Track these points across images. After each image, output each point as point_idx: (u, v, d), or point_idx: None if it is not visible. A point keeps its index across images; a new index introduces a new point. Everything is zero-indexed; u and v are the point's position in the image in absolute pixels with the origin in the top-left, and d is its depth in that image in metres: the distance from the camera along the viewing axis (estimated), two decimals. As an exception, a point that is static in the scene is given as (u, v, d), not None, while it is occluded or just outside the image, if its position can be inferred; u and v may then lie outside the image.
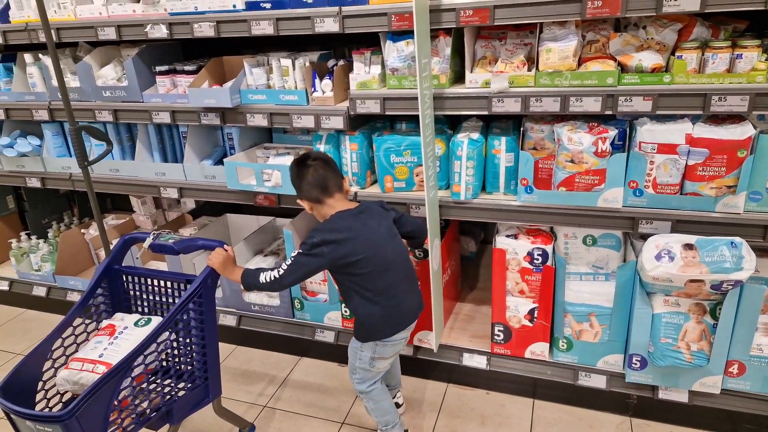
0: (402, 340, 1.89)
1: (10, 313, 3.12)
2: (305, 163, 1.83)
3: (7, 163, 2.81)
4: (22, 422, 1.44)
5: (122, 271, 1.91)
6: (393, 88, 2.07)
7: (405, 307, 1.87)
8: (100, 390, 1.43)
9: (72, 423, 1.38)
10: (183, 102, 2.36)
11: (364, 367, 1.91)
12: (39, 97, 2.61)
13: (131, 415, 1.56)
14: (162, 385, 1.67)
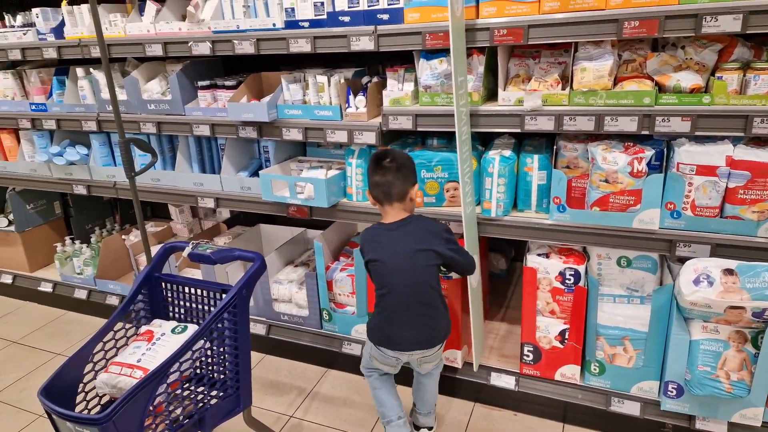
0: (391, 358, 1.92)
1: (53, 315, 3.26)
2: (381, 163, 1.86)
3: (57, 171, 2.96)
4: (63, 423, 1.49)
5: (161, 278, 1.97)
6: (425, 104, 2.09)
7: (397, 334, 1.88)
8: (136, 395, 1.48)
9: (109, 426, 1.42)
10: (222, 116, 2.45)
11: (367, 352, 2.03)
12: (88, 108, 2.74)
13: (165, 421, 1.59)
14: (195, 392, 1.70)
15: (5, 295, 3.48)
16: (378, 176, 1.85)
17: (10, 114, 2.95)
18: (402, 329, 1.87)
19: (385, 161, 1.85)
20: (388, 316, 1.87)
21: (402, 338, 1.88)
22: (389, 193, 1.86)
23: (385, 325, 1.89)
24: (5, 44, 2.81)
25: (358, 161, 2.29)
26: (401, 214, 1.90)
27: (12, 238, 3.30)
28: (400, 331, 1.87)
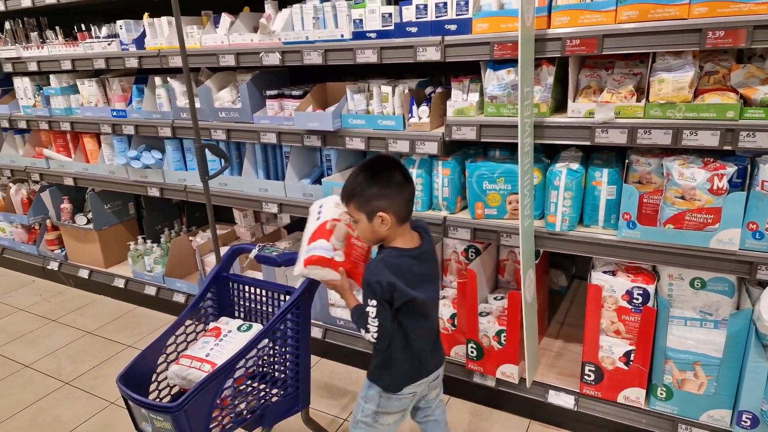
0: (412, 395, 1.66)
1: (124, 308, 3.45)
2: (402, 172, 1.54)
3: (133, 174, 3.14)
4: (138, 409, 1.58)
5: (229, 278, 2.05)
6: (490, 115, 2.07)
7: (434, 358, 1.68)
8: (206, 387, 1.54)
9: (181, 415, 1.50)
10: (289, 124, 2.52)
11: (366, 422, 1.67)
12: (164, 116, 2.90)
13: (230, 414, 1.65)
14: (258, 389, 1.76)
15: (82, 288, 3.72)
16: (409, 190, 1.55)
17: (93, 119, 3.16)
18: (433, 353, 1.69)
19: (402, 169, 1.55)
20: (422, 349, 1.62)
21: (435, 361, 1.70)
22: (412, 209, 1.57)
23: (410, 359, 1.61)
24: (91, 54, 3.02)
25: (419, 171, 2.30)
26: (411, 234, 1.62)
27: (90, 235, 3.53)
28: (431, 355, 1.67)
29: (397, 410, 1.67)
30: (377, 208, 1.50)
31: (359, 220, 1.55)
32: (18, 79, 3.50)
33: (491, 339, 2.29)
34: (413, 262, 1.55)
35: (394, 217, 1.51)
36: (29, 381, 2.77)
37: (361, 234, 1.59)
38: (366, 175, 1.52)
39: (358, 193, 1.52)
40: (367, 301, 1.50)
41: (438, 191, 2.29)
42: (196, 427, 1.54)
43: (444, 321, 2.42)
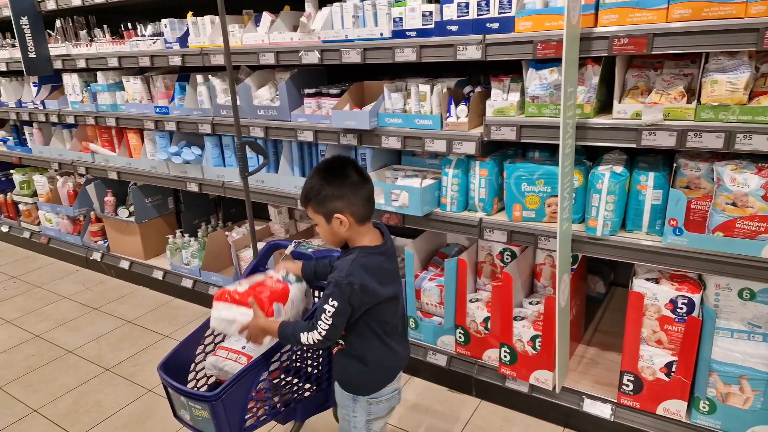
0: (396, 393, 1.65)
1: (162, 300, 3.54)
2: (357, 170, 1.51)
3: (174, 169, 3.22)
4: (177, 397, 1.62)
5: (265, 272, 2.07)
6: (531, 115, 2.03)
7: (404, 354, 1.66)
8: (242, 378, 1.57)
9: (218, 404, 1.53)
10: (326, 122, 2.53)
11: (361, 422, 1.63)
12: (205, 113, 2.96)
13: (264, 407, 1.68)
14: (292, 383, 1.77)
15: (122, 278, 3.84)
16: (366, 188, 1.51)
17: (137, 115, 3.25)
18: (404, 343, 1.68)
19: (354, 168, 1.52)
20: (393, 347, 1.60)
21: (404, 353, 1.67)
22: (373, 207, 1.54)
23: (389, 358, 1.60)
24: (137, 52, 3.11)
25: (455, 171, 2.28)
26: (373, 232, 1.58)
27: (131, 228, 3.64)
28: (405, 348, 1.68)
29: (386, 412, 1.66)
30: (333, 209, 1.47)
31: (318, 222, 1.54)
32: (67, 75, 3.64)
33: (525, 344, 2.24)
34: (382, 258, 1.53)
35: (351, 217, 1.48)
36: (72, 366, 2.87)
37: (323, 236, 1.58)
38: (320, 176, 1.50)
39: (313, 195, 1.50)
40: (329, 300, 1.44)
41: (474, 192, 2.26)
42: (232, 417, 1.57)
43: (477, 324, 2.39)
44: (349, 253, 1.51)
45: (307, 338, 1.48)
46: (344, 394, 1.62)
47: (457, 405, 2.43)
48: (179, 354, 1.75)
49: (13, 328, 3.29)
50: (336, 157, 1.57)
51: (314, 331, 1.47)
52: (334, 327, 1.46)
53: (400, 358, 1.64)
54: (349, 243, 1.56)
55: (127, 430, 2.37)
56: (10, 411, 2.53)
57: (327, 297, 1.45)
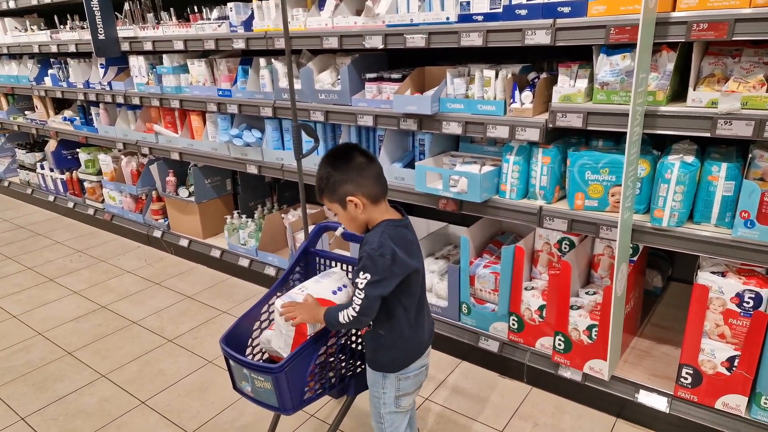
0: (424, 368, 1.69)
1: (219, 277, 3.69)
2: (361, 153, 1.54)
3: (234, 151, 3.33)
4: (239, 369, 1.70)
5: (315, 253, 2.14)
6: (599, 102, 2.01)
7: (428, 329, 1.70)
8: (303, 353, 1.64)
9: (282, 377, 1.60)
10: (386, 107, 2.57)
11: (391, 411, 1.68)
12: (266, 96, 3.04)
13: (321, 380, 1.74)
14: (346, 360, 1.84)
15: (181, 256, 4.01)
16: (374, 170, 1.54)
17: (200, 98, 3.37)
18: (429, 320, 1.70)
19: (361, 152, 1.55)
20: (420, 323, 1.63)
21: (429, 329, 1.70)
22: (386, 186, 1.59)
23: (418, 334, 1.64)
24: (202, 35, 3.21)
25: (516, 158, 2.28)
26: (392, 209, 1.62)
27: (191, 207, 3.79)
28: (430, 322, 1.71)
29: (414, 387, 1.69)
30: (345, 193, 1.51)
31: (337, 211, 1.57)
32: (133, 57, 3.80)
33: (581, 333, 2.24)
34: (407, 231, 1.56)
35: (364, 198, 1.51)
36: (136, 336, 3.04)
37: (343, 223, 1.61)
38: (326, 165, 1.54)
39: (324, 185, 1.54)
40: (360, 274, 1.46)
41: (535, 180, 2.26)
42: (293, 388, 1.64)
43: (531, 311, 2.39)
44: (375, 228, 1.54)
45: (344, 316, 1.51)
46: (374, 373, 1.67)
47: (508, 391, 2.45)
48: (238, 329, 1.82)
49: (80, 299, 3.50)
50: (338, 144, 1.60)
51: (349, 308, 1.50)
52: (368, 300, 1.47)
53: (425, 333, 1.67)
54: (370, 225, 1.58)
55: (190, 398, 2.50)
56: (80, 375, 2.71)
57: (359, 271, 1.48)
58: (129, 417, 2.40)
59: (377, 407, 1.71)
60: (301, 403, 1.69)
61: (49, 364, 2.81)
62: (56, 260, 4.13)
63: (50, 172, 5.10)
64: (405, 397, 1.69)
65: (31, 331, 3.14)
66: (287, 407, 1.65)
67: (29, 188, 5.48)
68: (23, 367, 2.80)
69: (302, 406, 1.70)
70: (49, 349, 2.95)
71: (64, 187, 5.00)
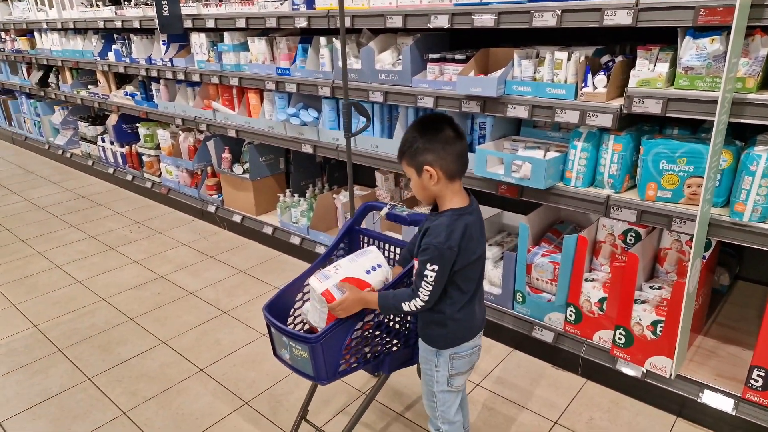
0: (476, 349, 1.69)
1: (271, 254, 3.76)
2: (452, 127, 1.51)
3: (290, 130, 3.36)
4: (279, 336, 1.73)
5: (360, 232, 2.13)
6: (682, 88, 1.91)
7: (481, 311, 1.69)
8: (340, 326, 1.65)
9: (318, 347, 1.62)
10: (448, 89, 2.52)
11: (443, 390, 1.69)
12: (325, 75, 3.04)
13: (356, 355, 1.76)
14: (381, 337, 1.84)
15: (234, 231, 4.11)
16: (459, 144, 1.51)
17: (259, 76, 3.40)
18: (480, 308, 1.69)
19: (452, 126, 1.51)
20: (474, 305, 1.64)
21: (483, 311, 1.71)
22: (466, 165, 1.55)
23: (472, 314, 1.64)
24: (264, 13, 3.22)
25: (585, 145, 2.20)
26: (464, 192, 1.59)
27: (245, 184, 3.86)
28: (482, 307, 1.71)
29: (467, 367, 1.69)
30: (424, 161, 1.49)
31: (410, 176, 1.56)
32: (195, 34, 3.86)
33: (645, 328, 2.16)
34: (472, 219, 1.54)
35: (441, 171, 1.49)
36: (194, 306, 3.14)
37: (414, 191, 1.59)
38: (414, 130, 1.53)
39: (406, 148, 1.53)
40: (428, 265, 1.48)
41: (604, 168, 2.18)
42: (329, 359, 1.66)
43: (591, 303, 2.33)
44: (440, 216, 1.52)
45: (410, 306, 1.55)
46: (428, 349, 1.67)
47: (562, 382, 2.40)
48: (281, 299, 1.86)
49: (140, 268, 3.64)
50: (433, 113, 1.58)
51: (416, 299, 1.54)
52: (435, 291, 1.52)
53: (478, 318, 1.67)
54: (438, 201, 1.57)
55: (245, 368, 2.57)
56: (142, 341, 2.82)
57: (426, 262, 1.49)
58: (189, 383, 2.49)
59: (430, 385, 1.72)
60: (335, 374, 1.71)
61: (113, 329, 2.95)
62: (117, 230, 4.30)
63: (110, 145, 5.30)
64: (458, 376, 1.69)
65: (95, 296, 3.29)
66: (321, 377, 1.68)
67: (90, 160, 5.71)
68: (88, 330, 2.94)
69: (337, 378, 1.73)
70: (112, 314, 3.08)
71: (124, 160, 5.19)
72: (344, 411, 2.27)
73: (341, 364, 1.73)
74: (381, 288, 1.73)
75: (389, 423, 2.20)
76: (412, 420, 2.21)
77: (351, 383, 2.41)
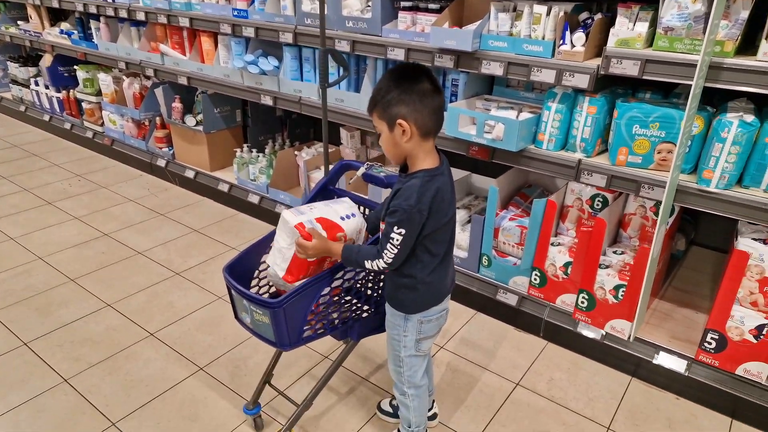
0: (445, 312, 1.66)
1: (227, 213, 3.57)
2: (430, 79, 1.39)
3: (248, 79, 3.13)
4: (240, 300, 1.64)
5: (335, 192, 2.03)
6: (660, 49, 1.86)
7: (451, 275, 1.66)
8: (306, 290, 1.57)
9: (279, 312, 1.54)
10: (420, 41, 2.38)
11: (410, 354, 1.65)
12: (287, 20, 2.82)
13: (323, 321, 1.69)
14: (350, 303, 1.77)
15: (187, 188, 3.87)
16: (435, 99, 1.40)
17: (213, 17, 3.12)
18: (452, 266, 1.67)
19: (429, 78, 1.40)
20: (444, 268, 1.58)
21: (453, 274, 1.68)
22: (441, 122, 1.45)
23: (443, 278, 1.60)
24: (218, -50, 2.94)
25: (559, 106, 2.14)
26: (436, 152, 1.49)
27: (199, 137, 3.62)
28: (452, 270, 1.66)
29: (435, 331, 1.66)
30: (397, 114, 1.38)
31: (381, 130, 1.45)
32: (140, -30, 3.50)
33: (607, 292, 2.19)
34: (444, 179, 1.46)
35: (415, 126, 1.39)
36: (143, 267, 2.96)
37: (384, 148, 1.48)
38: (389, 80, 1.41)
39: (379, 99, 1.41)
40: (395, 228, 1.41)
41: (577, 131, 2.13)
42: (291, 325, 1.58)
43: (556, 267, 2.34)
44: (412, 178, 1.43)
45: (372, 264, 1.49)
46: (395, 314, 1.62)
47: (524, 344, 2.43)
48: (244, 260, 1.75)
49: (81, 225, 3.39)
50: (410, 63, 1.47)
51: (380, 259, 1.47)
52: (400, 254, 1.46)
53: (448, 279, 1.63)
54: (409, 161, 1.48)
55: (201, 332, 2.45)
56: (85, 303, 2.64)
57: (393, 224, 1.42)
58: (138, 347, 2.36)
59: (396, 350, 1.67)
60: (299, 341, 1.64)
61: (52, 290, 2.74)
62: (54, 183, 3.98)
63: (45, 90, 4.84)
64: (425, 340, 1.65)
65: (31, 255, 3.04)
66: (284, 343, 1.61)
67: (22, 105, 5.23)
68: (25, 291, 2.72)
69: (300, 344, 1.65)
70: (51, 275, 2.86)
71: (61, 106, 4.77)
72: (308, 374, 2.21)
73: (305, 330, 1.65)
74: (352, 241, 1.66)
75: (354, 387, 2.17)
76: (377, 384, 2.18)
77: (315, 348, 2.34)
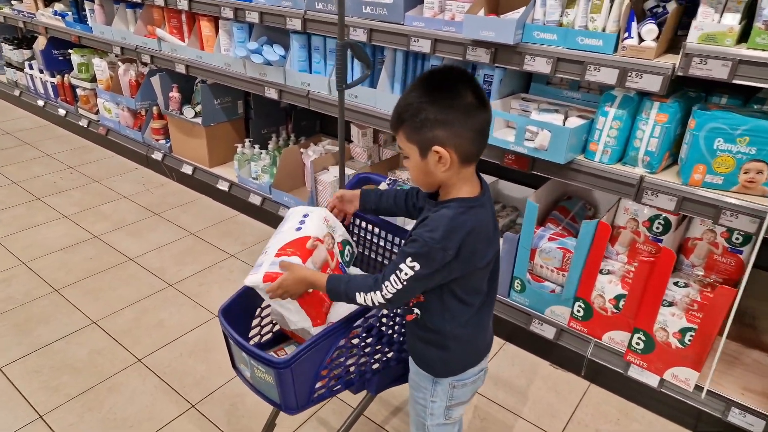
0: (482, 373, 1.34)
1: (226, 213, 3.26)
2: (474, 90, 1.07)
3: (251, 69, 2.78)
4: (239, 351, 1.34)
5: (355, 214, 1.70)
6: (758, 48, 1.48)
7: (491, 329, 1.34)
8: (319, 344, 1.26)
9: (286, 373, 1.23)
10: (449, 30, 2.02)
11: (439, 423, 1.35)
12: (296, 4, 2.46)
13: (338, 376, 1.38)
14: (370, 345, 1.45)
15: (184, 184, 3.56)
16: (483, 116, 1.08)
17: (214, 0, 2.77)
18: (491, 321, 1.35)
19: (476, 89, 1.07)
20: (483, 321, 1.27)
21: (492, 332, 1.36)
22: (484, 144, 1.12)
23: (481, 332, 1.28)
24: None
25: (618, 112, 1.78)
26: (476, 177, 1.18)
27: (197, 130, 3.28)
28: (491, 326, 1.34)
29: (470, 396, 1.35)
30: (434, 139, 1.06)
31: (410, 154, 1.12)
32: (134, -56, 3.15)
33: (670, 335, 1.85)
34: (483, 212, 1.14)
35: (455, 154, 1.07)
36: (133, 276, 2.66)
37: (412, 174, 1.15)
38: (421, 93, 1.07)
39: (409, 116, 1.08)
40: (408, 260, 1.09)
41: (640, 142, 1.77)
42: (300, 386, 1.28)
43: (605, 300, 1.99)
44: (443, 207, 1.12)
45: (366, 299, 1.17)
46: (421, 374, 1.30)
47: (562, 384, 2.11)
48: (243, 297, 1.44)
49: (70, 225, 3.10)
50: (447, 67, 1.11)
51: (377, 292, 1.14)
52: (406, 292, 1.13)
53: (488, 334, 1.32)
54: (443, 189, 1.16)
55: (193, 359, 2.16)
56: (68, 320, 2.36)
57: (408, 255, 1.09)
58: (123, 376, 2.07)
59: (422, 417, 1.36)
60: (308, 403, 1.34)
61: (33, 302, 2.46)
62: (45, 176, 3.69)
63: (39, 74, 4.54)
64: (457, 407, 1.34)
65: (13, 259, 2.77)
66: (290, 406, 1.31)
67: (17, 89, 4.93)
68: (3, 303, 2.45)
69: (309, 406, 1.34)
70: (33, 284, 2.59)
71: (55, 92, 4.46)
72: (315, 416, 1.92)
73: (318, 389, 1.35)
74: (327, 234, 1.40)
75: (366, 438, 1.87)
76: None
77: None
